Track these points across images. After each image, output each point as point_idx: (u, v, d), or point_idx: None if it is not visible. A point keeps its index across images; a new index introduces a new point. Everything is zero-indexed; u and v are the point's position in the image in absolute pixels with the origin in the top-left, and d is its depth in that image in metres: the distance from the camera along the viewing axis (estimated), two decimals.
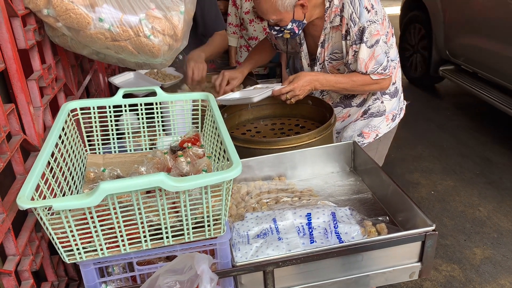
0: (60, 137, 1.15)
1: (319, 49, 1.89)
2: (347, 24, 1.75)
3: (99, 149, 1.41)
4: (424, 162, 3.98)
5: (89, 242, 0.96)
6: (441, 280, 2.62)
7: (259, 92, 1.79)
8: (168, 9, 1.29)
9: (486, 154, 4.00)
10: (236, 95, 1.92)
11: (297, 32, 1.80)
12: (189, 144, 1.30)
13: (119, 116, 1.44)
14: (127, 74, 2.26)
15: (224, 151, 1.08)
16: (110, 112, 1.39)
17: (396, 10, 11.99)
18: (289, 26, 1.76)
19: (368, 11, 1.72)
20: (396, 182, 1.35)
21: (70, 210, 0.88)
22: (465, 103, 5.20)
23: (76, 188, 1.20)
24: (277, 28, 1.80)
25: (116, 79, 2.22)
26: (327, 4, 1.78)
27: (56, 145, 1.11)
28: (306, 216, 1.31)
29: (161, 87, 2.20)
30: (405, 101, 2.15)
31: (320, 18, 1.83)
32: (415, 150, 4.21)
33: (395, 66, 1.96)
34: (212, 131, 1.28)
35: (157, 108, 1.44)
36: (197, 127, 1.47)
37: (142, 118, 1.43)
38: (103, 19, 1.23)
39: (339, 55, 1.87)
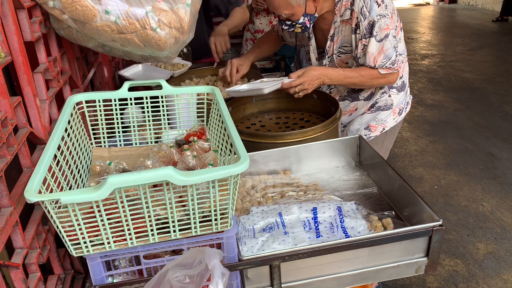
0: (66, 130, 1.14)
1: (328, 43, 1.88)
2: (357, 18, 1.74)
3: (104, 142, 1.41)
4: (427, 156, 3.97)
5: (96, 235, 0.96)
6: (444, 275, 2.62)
7: (268, 84, 1.78)
8: (175, 1, 1.28)
9: (490, 149, 3.99)
10: (244, 86, 1.91)
11: (308, 26, 1.79)
12: (195, 138, 1.29)
13: (123, 109, 1.43)
14: (135, 66, 2.27)
15: (231, 144, 1.07)
16: (115, 105, 1.38)
17: (404, 3, 11.96)
18: (300, 20, 1.75)
19: (378, 5, 1.71)
20: (402, 176, 1.35)
21: (77, 203, 0.88)
22: (469, 98, 5.18)
23: (82, 181, 1.20)
24: (288, 23, 1.79)
25: (126, 72, 2.21)
26: None
27: (62, 138, 1.10)
28: (312, 210, 1.31)
29: (172, 76, 2.21)
30: (411, 95, 2.14)
31: (330, 11, 1.82)
32: (418, 144, 4.20)
33: (403, 60, 1.95)
34: (218, 125, 1.27)
35: (162, 102, 1.43)
36: (203, 121, 1.47)
37: (148, 111, 1.43)
38: (109, 11, 1.22)
39: (348, 49, 1.86)
